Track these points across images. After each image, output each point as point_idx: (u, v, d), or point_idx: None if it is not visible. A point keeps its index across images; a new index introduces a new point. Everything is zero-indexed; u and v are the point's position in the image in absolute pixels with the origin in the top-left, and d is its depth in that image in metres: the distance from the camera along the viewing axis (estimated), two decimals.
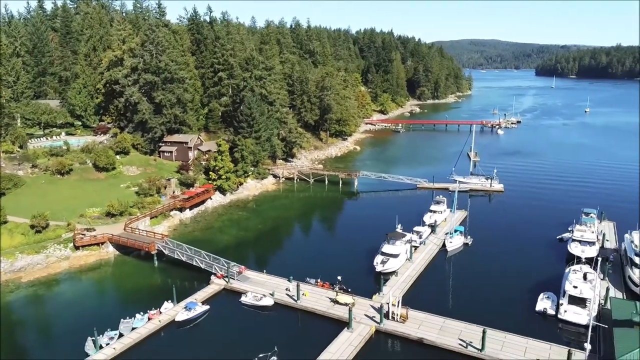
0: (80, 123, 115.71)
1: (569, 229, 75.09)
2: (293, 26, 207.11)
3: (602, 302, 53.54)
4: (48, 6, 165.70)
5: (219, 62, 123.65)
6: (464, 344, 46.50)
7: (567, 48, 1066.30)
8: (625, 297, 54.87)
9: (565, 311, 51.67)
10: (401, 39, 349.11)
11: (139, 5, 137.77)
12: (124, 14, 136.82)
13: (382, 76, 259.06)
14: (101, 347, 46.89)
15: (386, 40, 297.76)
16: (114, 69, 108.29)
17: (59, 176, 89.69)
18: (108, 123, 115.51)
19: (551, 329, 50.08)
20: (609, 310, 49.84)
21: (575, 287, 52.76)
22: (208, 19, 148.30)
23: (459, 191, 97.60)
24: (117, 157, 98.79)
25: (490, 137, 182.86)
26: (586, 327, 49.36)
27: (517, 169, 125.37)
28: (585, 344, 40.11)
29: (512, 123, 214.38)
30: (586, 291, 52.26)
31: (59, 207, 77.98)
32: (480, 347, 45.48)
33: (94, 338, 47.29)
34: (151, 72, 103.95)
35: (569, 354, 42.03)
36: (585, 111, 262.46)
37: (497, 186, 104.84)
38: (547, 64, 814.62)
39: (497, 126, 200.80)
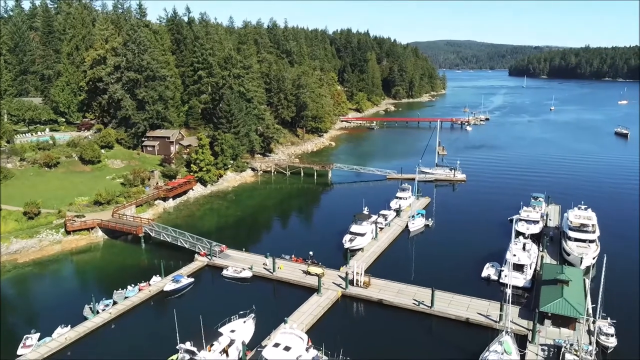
0: (63, 119, 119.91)
1: (520, 211, 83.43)
2: (270, 26, 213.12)
3: (538, 268, 61.72)
4: (26, 5, 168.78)
5: (199, 61, 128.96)
6: (417, 303, 53.90)
7: (539, 49, 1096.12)
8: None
9: (506, 276, 59.47)
10: (377, 39, 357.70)
11: (119, 6, 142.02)
12: (106, 14, 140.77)
13: (357, 75, 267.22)
14: (97, 312, 52.68)
15: (362, 41, 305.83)
16: (97, 67, 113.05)
17: (46, 169, 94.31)
18: (91, 119, 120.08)
19: (493, 291, 57.76)
20: (541, 274, 57.94)
21: (514, 255, 60.78)
22: (186, 19, 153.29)
23: (425, 181, 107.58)
24: (102, 151, 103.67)
25: (459, 133, 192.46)
26: (522, 288, 57.92)
27: (480, 161, 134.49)
28: (507, 290, 47.69)
29: (480, 120, 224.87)
30: (523, 259, 60.40)
31: (48, 196, 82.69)
32: (430, 304, 52.95)
33: (90, 305, 53.15)
34: (134, 70, 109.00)
35: (501, 306, 49.73)
36: (551, 109, 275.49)
37: (460, 176, 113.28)
38: (520, 65, 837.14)
39: (466, 123, 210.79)
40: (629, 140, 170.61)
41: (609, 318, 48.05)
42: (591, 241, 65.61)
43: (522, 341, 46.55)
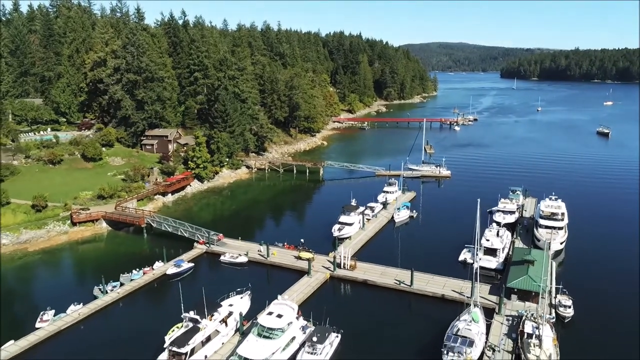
0: (64, 119, 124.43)
1: (498, 203, 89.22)
2: (263, 29, 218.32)
3: (510, 252, 67.36)
4: (24, 9, 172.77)
5: (195, 63, 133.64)
6: (398, 282, 59.31)
7: (531, 51, 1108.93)
8: None
9: (480, 259, 64.99)
10: (369, 41, 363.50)
11: (117, 9, 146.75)
12: (105, 18, 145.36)
13: (349, 77, 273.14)
14: (106, 292, 57.60)
15: (354, 43, 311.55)
16: (98, 69, 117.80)
17: (50, 165, 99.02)
18: (91, 119, 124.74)
19: (468, 273, 62.89)
20: (512, 256, 63.63)
21: (487, 240, 66.55)
22: (182, 22, 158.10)
23: (412, 177, 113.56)
24: (103, 149, 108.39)
25: (447, 133, 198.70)
26: (495, 270, 63.52)
27: (465, 158, 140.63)
28: (475, 265, 53.19)
29: (469, 120, 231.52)
30: (496, 243, 66.07)
31: (53, 191, 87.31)
32: (410, 283, 58.35)
33: (100, 286, 58.10)
34: (133, 72, 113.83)
35: (472, 284, 55.00)
36: (537, 110, 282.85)
37: (445, 172, 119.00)
38: (511, 67, 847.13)
39: (455, 123, 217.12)
40: (610, 140, 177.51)
41: (566, 292, 53.84)
42: (560, 228, 71.37)
43: (490, 313, 52.09)
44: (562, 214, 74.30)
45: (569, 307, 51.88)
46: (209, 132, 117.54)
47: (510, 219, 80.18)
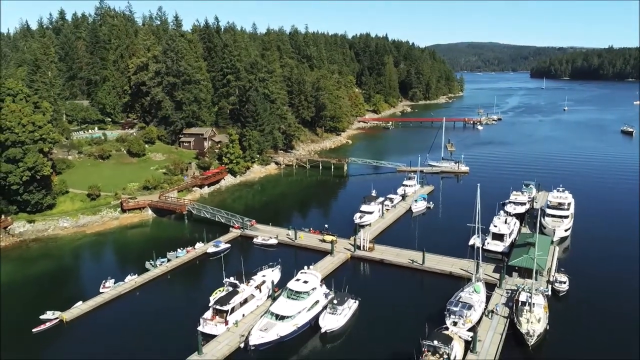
0: (109, 119, 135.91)
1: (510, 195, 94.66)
2: (292, 33, 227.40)
3: (516, 237, 73.25)
4: (69, 16, 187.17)
5: (227, 66, 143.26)
6: (411, 261, 66.25)
7: (563, 50, 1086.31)
8: None
9: (488, 243, 71.37)
10: (395, 42, 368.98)
11: (157, 18, 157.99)
12: (147, 26, 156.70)
13: (375, 78, 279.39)
14: (156, 266, 66.64)
15: (380, 45, 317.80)
16: (140, 73, 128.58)
17: (100, 160, 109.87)
18: (134, 119, 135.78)
19: (475, 254, 69.47)
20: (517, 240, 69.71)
21: (495, 226, 72.77)
22: (215, 28, 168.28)
23: (432, 173, 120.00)
24: (146, 145, 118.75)
25: (470, 132, 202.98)
26: (501, 253, 69.63)
27: (484, 156, 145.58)
28: (477, 243, 59.64)
29: (493, 120, 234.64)
30: (503, 229, 72.17)
31: (104, 182, 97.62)
32: (422, 262, 65.20)
33: (151, 262, 67.22)
34: (172, 75, 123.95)
35: (477, 264, 61.16)
36: (564, 109, 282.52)
37: (464, 168, 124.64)
38: (542, 66, 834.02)
39: (478, 123, 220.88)
40: (634, 138, 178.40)
41: (563, 270, 59.81)
42: (565, 217, 76.74)
43: (492, 287, 58.48)
44: (569, 204, 79.61)
45: (564, 283, 57.81)
46: (240, 131, 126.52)
47: (520, 209, 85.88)
